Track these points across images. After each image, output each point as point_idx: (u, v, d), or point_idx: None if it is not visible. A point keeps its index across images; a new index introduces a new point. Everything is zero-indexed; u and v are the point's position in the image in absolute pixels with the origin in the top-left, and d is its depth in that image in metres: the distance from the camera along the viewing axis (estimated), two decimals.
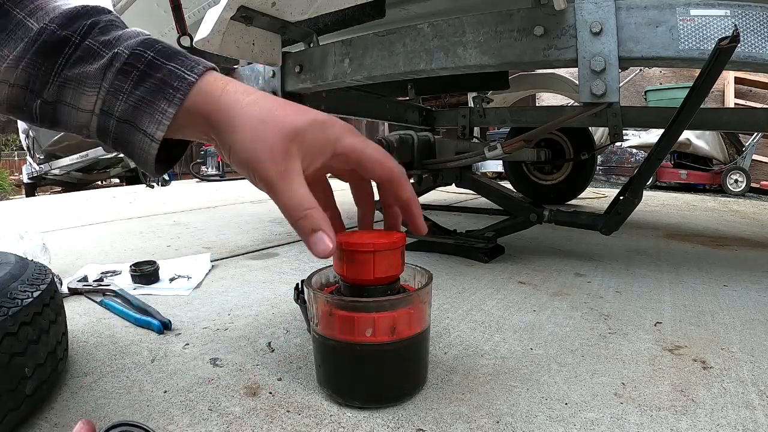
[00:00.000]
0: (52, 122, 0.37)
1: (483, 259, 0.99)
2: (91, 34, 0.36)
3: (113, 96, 0.35)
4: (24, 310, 0.39)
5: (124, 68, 0.35)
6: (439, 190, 2.50)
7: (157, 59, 0.35)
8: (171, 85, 0.35)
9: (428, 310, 0.44)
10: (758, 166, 3.69)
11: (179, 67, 0.35)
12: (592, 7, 0.67)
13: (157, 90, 0.35)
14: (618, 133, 1.41)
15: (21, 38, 0.35)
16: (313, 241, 0.34)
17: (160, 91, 0.35)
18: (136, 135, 0.35)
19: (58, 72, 0.35)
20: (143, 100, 0.35)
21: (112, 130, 0.35)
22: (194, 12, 1.10)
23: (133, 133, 0.35)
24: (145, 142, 0.35)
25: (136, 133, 0.35)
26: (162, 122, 0.35)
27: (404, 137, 0.93)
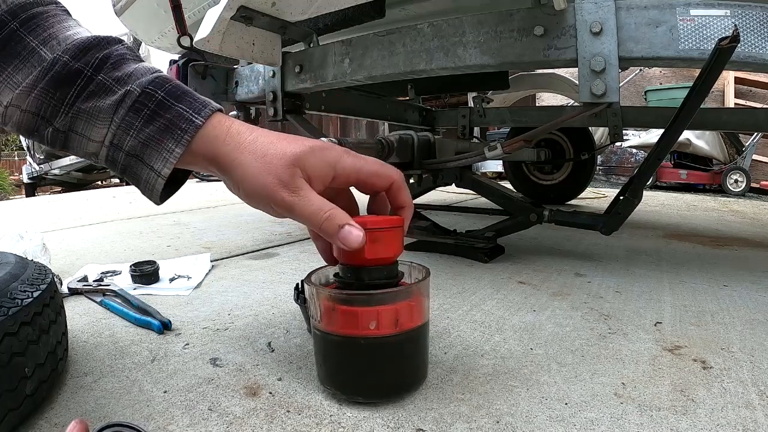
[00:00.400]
0: (62, 146, 0.38)
1: (483, 259, 0.99)
2: (103, 69, 0.38)
3: (124, 131, 0.37)
4: (24, 310, 0.39)
5: (135, 106, 0.37)
6: (439, 190, 2.50)
7: (167, 99, 0.38)
8: (179, 126, 0.37)
9: (427, 303, 0.44)
10: (758, 166, 3.69)
11: (187, 108, 0.38)
12: (592, 7, 0.67)
13: (165, 129, 0.37)
14: (618, 133, 1.41)
15: (34, 66, 0.37)
16: (342, 236, 0.37)
17: (168, 130, 0.37)
18: (143, 169, 0.38)
19: (70, 103, 0.37)
20: (152, 138, 0.37)
21: (120, 161, 0.38)
22: (194, 12, 1.10)
23: (141, 168, 0.38)
24: (152, 176, 0.38)
25: (144, 167, 0.38)
26: (169, 160, 0.37)
27: (404, 137, 0.93)
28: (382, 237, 0.41)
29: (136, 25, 1.37)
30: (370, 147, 0.86)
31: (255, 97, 1.11)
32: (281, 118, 1.05)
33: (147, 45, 1.50)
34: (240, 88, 1.14)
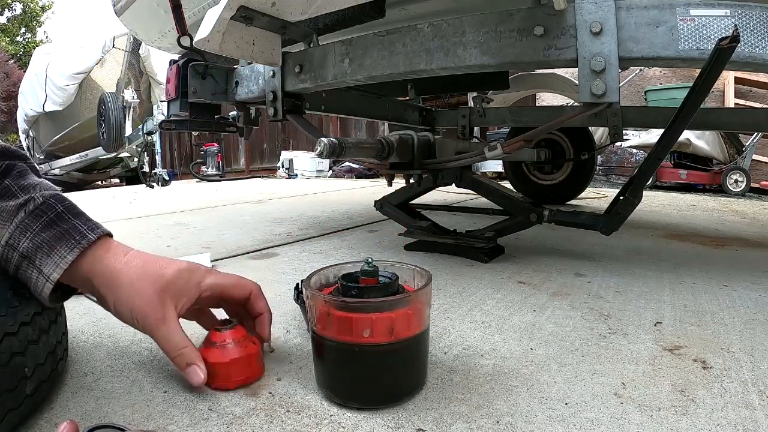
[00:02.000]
0: None
1: (483, 259, 0.99)
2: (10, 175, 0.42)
3: (20, 233, 0.40)
4: (24, 309, 0.39)
5: (36, 212, 0.41)
6: (439, 190, 2.50)
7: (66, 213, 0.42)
8: (74, 237, 0.40)
9: (427, 310, 0.44)
10: (758, 166, 3.68)
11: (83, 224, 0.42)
12: (592, 7, 0.67)
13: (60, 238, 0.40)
14: (618, 133, 1.40)
15: None
16: (188, 373, 0.43)
17: (63, 239, 0.40)
18: (33, 272, 0.40)
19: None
20: (46, 242, 0.40)
21: (13, 262, 0.40)
22: (194, 12, 1.10)
23: (31, 270, 0.40)
24: (40, 281, 0.40)
25: (33, 270, 0.40)
26: (59, 265, 0.40)
27: (404, 137, 0.93)
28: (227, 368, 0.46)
29: (136, 25, 1.37)
30: (370, 147, 0.86)
31: (255, 97, 1.11)
32: (281, 118, 1.05)
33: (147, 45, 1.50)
34: (240, 88, 1.14)
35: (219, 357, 0.45)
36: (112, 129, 4.83)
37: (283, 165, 5.53)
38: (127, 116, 4.95)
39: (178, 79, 1.12)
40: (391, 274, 0.46)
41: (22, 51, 14.72)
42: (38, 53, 6.57)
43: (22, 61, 12.99)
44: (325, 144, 0.75)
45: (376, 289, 0.43)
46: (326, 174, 5.27)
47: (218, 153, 5.95)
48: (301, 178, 5.20)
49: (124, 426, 0.34)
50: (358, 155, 0.84)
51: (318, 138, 0.76)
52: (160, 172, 4.36)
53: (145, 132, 4.35)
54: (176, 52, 1.31)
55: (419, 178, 1.04)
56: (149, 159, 5.01)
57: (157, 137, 4.51)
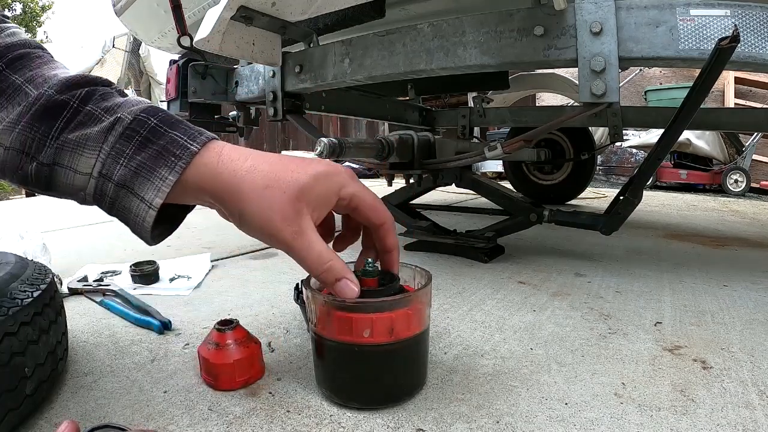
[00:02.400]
0: (47, 185, 0.36)
1: (483, 259, 0.99)
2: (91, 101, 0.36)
3: (114, 160, 0.34)
4: (24, 309, 0.39)
5: (126, 132, 0.35)
6: (439, 190, 2.50)
7: (161, 126, 0.36)
8: (173, 153, 0.35)
9: (428, 310, 0.44)
10: (758, 166, 3.68)
11: (182, 135, 0.36)
12: (592, 7, 0.67)
13: (158, 156, 0.34)
14: (618, 133, 1.40)
15: (18, 103, 0.35)
16: (339, 288, 0.38)
17: (161, 157, 0.34)
18: (133, 201, 0.35)
19: (56, 135, 0.35)
20: (144, 165, 0.34)
21: (108, 194, 0.35)
22: (194, 12, 1.09)
23: (130, 200, 0.35)
24: (142, 209, 0.35)
25: (133, 199, 0.35)
26: (161, 189, 0.34)
27: (404, 137, 0.93)
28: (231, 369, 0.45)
29: (136, 25, 1.37)
30: (370, 147, 0.86)
31: (255, 97, 1.11)
32: (281, 118, 1.05)
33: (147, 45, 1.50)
34: (240, 88, 1.14)
35: (222, 358, 0.45)
36: None
37: None
38: None
39: (178, 79, 1.12)
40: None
41: None
42: None
43: None
44: (325, 144, 0.75)
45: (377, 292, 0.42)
46: None
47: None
48: None
49: (124, 426, 0.34)
50: (358, 155, 0.84)
51: (318, 138, 0.76)
52: None
53: None
54: (176, 52, 1.31)
55: (419, 178, 1.04)
56: None
57: None
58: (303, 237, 0.36)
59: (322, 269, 0.37)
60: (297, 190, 0.35)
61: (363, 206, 0.40)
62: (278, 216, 0.35)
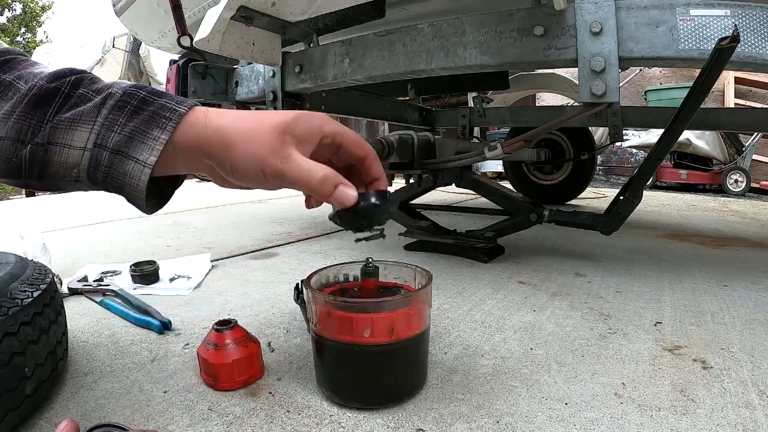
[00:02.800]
0: (41, 167, 0.37)
1: (483, 259, 0.99)
2: (81, 85, 0.39)
3: (108, 129, 0.37)
4: (24, 310, 0.39)
5: (118, 104, 0.37)
6: (439, 190, 2.50)
7: (149, 96, 0.38)
8: (163, 116, 0.37)
9: (428, 310, 0.44)
10: (758, 166, 3.69)
11: (170, 101, 0.38)
12: (592, 7, 0.67)
13: (150, 120, 0.37)
14: (618, 133, 1.40)
15: (11, 97, 0.37)
16: (338, 196, 0.38)
17: (153, 120, 0.37)
18: (128, 164, 0.36)
19: (50, 119, 0.37)
20: (137, 129, 0.37)
21: (103, 163, 0.37)
22: (194, 12, 1.09)
23: (125, 163, 0.37)
24: (137, 168, 0.36)
25: (128, 162, 0.36)
26: (155, 148, 0.36)
27: (404, 137, 0.93)
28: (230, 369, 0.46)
29: (136, 25, 1.37)
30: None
31: (255, 97, 1.11)
32: None
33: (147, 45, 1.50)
34: (240, 88, 1.14)
35: (221, 358, 0.45)
36: None
37: None
38: None
39: (178, 79, 1.12)
40: None
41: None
42: (38, 53, 6.58)
43: None
44: None
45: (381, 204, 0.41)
46: None
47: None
48: None
49: (124, 425, 0.34)
50: None
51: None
52: None
53: None
54: (176, 52, 1.31)
55: (419, 178, 1.04)
56: None
57: None
58: (291, 160, 0.37)
59: (316, 180, 0.38)
60: (281, 125, 0.38)
61: (346, 142, 0.42)
62: (266, 149, 0.37)
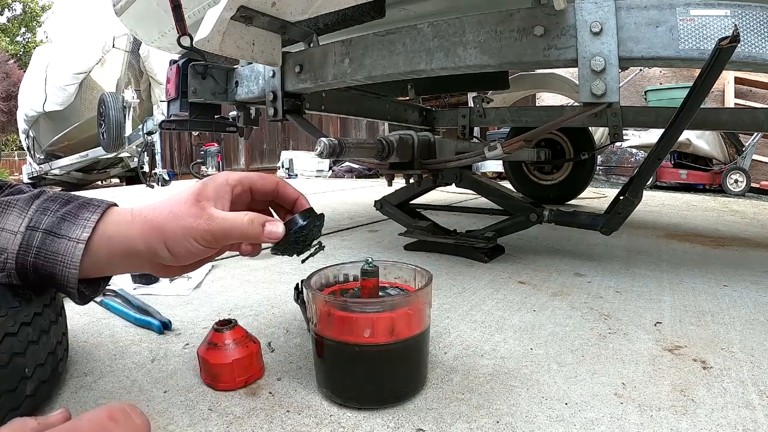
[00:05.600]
0: None
1: (483, 259, 0.99)
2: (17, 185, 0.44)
3: (41, 213, 0.39)
4: (24, 310, 0.39)
5: (52, 197, 0.41)
6: (439, 190, 2.50)
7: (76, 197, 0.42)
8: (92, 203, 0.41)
9: (428, 310, 0.44)
10: (758, 166, 3.69)
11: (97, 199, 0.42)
12: (592, 7, 0.67)
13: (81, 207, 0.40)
14: (618, 133, 1.40)
15: None
16: (267, 233, 0.41)
17: (83, 207, 0.40)
18: (61, 243, 0.39)
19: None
20: (69, 213, 0.40)
21: (35, 244, 0.39)
22: (194, 12, 1.09)
23: (58, 242, 0.39)
24: (70, 246, 0.38)
25: (61, 240, 0.39)
26: (86, 226, 0.39)
27: (404, 137, 0.93)
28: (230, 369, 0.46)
29: (136, 25, 1.37)
30: (370, 147, 0.86)
31: (255, 97, 1.11)
32: (281, 118, 1.05)
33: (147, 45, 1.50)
34: (240, 88, 1.14)
35: (221, 358, 0.45)
36: (112, 129, 4.82)
37: (283, 165, 5.53)
38: (127, 116, 4.95)
39: (178, 79, 1.12)
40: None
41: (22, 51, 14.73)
42: (38, 53, 6.57)
43: (22, 61, 12.99)
44: (325, 144, 0.75)
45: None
46: (326, 174, 5.27)
47: (218, 153, 5.94)
48: (301, 178, 5.20)
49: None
50: (358, 155, 0.84)
51: (318, 138, 0.76)
52: (160, 172, 4.35)
53: (145, 132, 4.34)
54: (176, 52, 1.31)
55: (419, 178, 1.04)
56: (149, 159, 5.00)
57: (157, 137, 4.51)
58: (214, 218, 0.40)
59: (244, 224, 0.40)
60: (192, 194, 0.41)
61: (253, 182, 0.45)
62: (190, 219, 0.39)
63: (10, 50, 14.18)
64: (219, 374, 0.45)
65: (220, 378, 0.45)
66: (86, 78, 5.90)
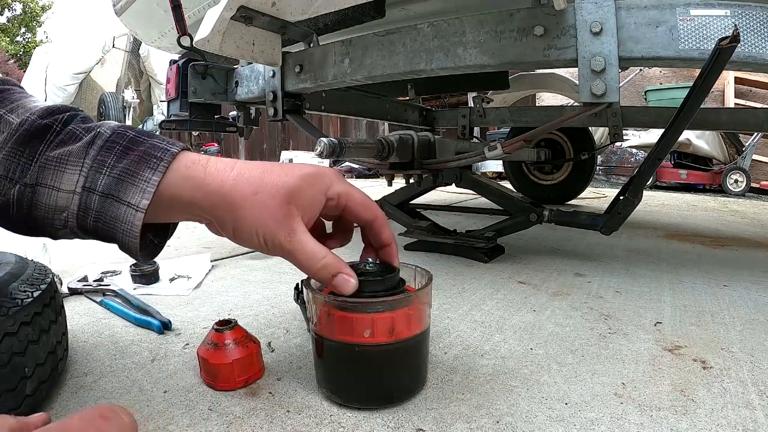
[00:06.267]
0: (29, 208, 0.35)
1: (483, 259, 0.99)
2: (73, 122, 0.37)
3: (96, 171, 0.35)
4: (24, 309, 0.39)
5: (107, 144, 0.36)
6: (439, 190, 2.50)
7: (139, 136, 0.37)
8: (154, 155, 0.35)
9: (428, 310, 0.44)
10: (758, 166, 3.68)
11: (160, 141, 0.37)
12: (592, 7, 0.67)
13: (140, 161, 0.35)
14: (618, 133, 1.40)
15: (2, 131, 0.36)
16: (337, 284, 0.38)
17: (143, 161, 0.35)
18: (120, 208, 0.35)
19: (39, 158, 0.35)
20: (127, 171, 0.35)
21: (93, 207, 0.35)
22: (194, 12, 1.09)
23: (117, 207, 0.35)
24: (129, 213, 0.34)
25: (120, 206, 0.35)
26: (147, 190, 0.34)
27: (404, 137, 0.93)
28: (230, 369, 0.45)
29: (136, 25, 1.37)
30: (370, 147, 0.86)
31: (255, 97, 1.11)
32: (281, 118, 1.05)
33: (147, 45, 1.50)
34: (240, 88, 1.13)
35: (221, 358, 0.45)
36: None
37: None
38: (127, 116, 4.95)
39: (178, 79, 1.12)
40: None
41: (22, 51, 14.73)
42: (38, 53, 6.57)
43: (22, 61, 13.00)
44: (325, 144, 0.75)
45: (377, 282, 0.42)
46: None
47: (218, 153, 5.96)
48: None
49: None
50: (358, 155, 0.84)
51: (318, 138, 0.76)
52: None
53: None
54: (176, 52, 1.31)
55: (419, 178, 1.04)
56: None
57: None
58: (296, 238, 0.36)
59: (317, 267, 0.37)
60: (286, 193, 0.36)
61: (352, 204, 0.41)
62: (270, 220, 0.36)
63: (10, 50, 14.19)
64: (219, 374, 0.45)
65: (220, 378, 0.45)
66: (86, 78, 5.90)
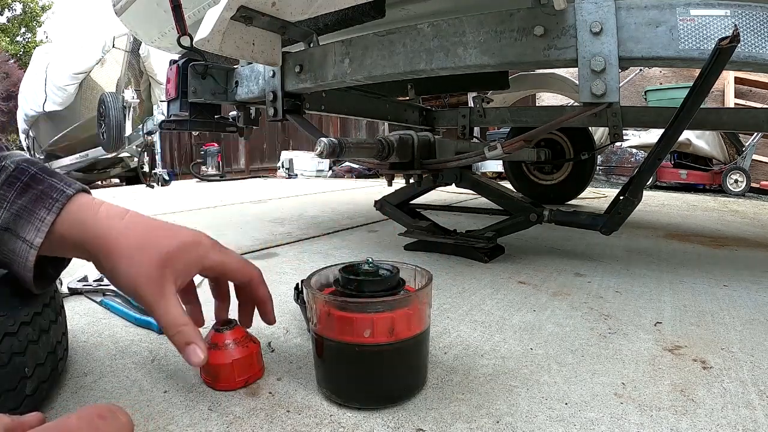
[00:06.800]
0: None
1: (483, 259, 0.99)
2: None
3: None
4: (24, 309, 0.39)
5: (9, 180, 0.38)
6: (439, 190, 2.50)
7: (40, 174, 0.39)
8: (50, 196, 0.38)
9: (428, 310, 0.44)
10: (758, 166, 3.68)
11: (59, 182, 0.39)
12: (592, 7, 0.67)
13: (37, 200, 0.38)
14: (618, 133, 1.40)
15: None
16: (187, 352, 0.40)
17: (40, 200, 0.38)
18: (17, 243, 0.37)
19: None
20: (24, 208, 0.37)
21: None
22: (194, 12, 1.10)
23: (14, 242, 0.37)
24: (24, 249, 0.37)
25: (17, 241, 0.37)
26: (41, 229, 0.37)
27: (404, 137, 0.93)
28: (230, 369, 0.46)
29: (136, 25, 1.37)
30: (370, 147, 0.86)
31: (255, 97, 1.11)
32: (281, 118, 1.05)
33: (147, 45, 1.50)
34: (240, 88, 1.14)
35: (221, 358, 0.45)
36: (112, 129, 4.82)
37: (283, 165, 5.53)
38: (127, 116, 4.95)
39: (178, 79, 1.12)
40: (391, 266, 0.46)
41: (22, 51, 14.73)
42: (38, 53, 6.57)
43: (22, 61, 13.00)
44: (325, 144, 0.75)
45: (376, 282, 0.43)
46: (326, 174, 5.27)
47: (218, 153, 5.95)
48: (301, 178, 5.20)
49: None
50: (358, 155, 0.83)
51: (318, 138, 0.76)
52: (160, 172, 4.36)
53: (145, 132, 4.35)
54: (176, 52, 1.31)
55: (419, 178, 1.04)
56: (149, 159, 5.01)
57: (157, 137, 4.51)
58: (162, 300, 0.39)
59: (173, 332, 0.40)
60: (165, 256, 0.39)
61: (228, 270, 0.45)
62: (144, 278, 0.38)
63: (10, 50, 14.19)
64: (219, 374, 0.45)
65: (220, 378, 0.45)
66: (86, 78, 5.90)
